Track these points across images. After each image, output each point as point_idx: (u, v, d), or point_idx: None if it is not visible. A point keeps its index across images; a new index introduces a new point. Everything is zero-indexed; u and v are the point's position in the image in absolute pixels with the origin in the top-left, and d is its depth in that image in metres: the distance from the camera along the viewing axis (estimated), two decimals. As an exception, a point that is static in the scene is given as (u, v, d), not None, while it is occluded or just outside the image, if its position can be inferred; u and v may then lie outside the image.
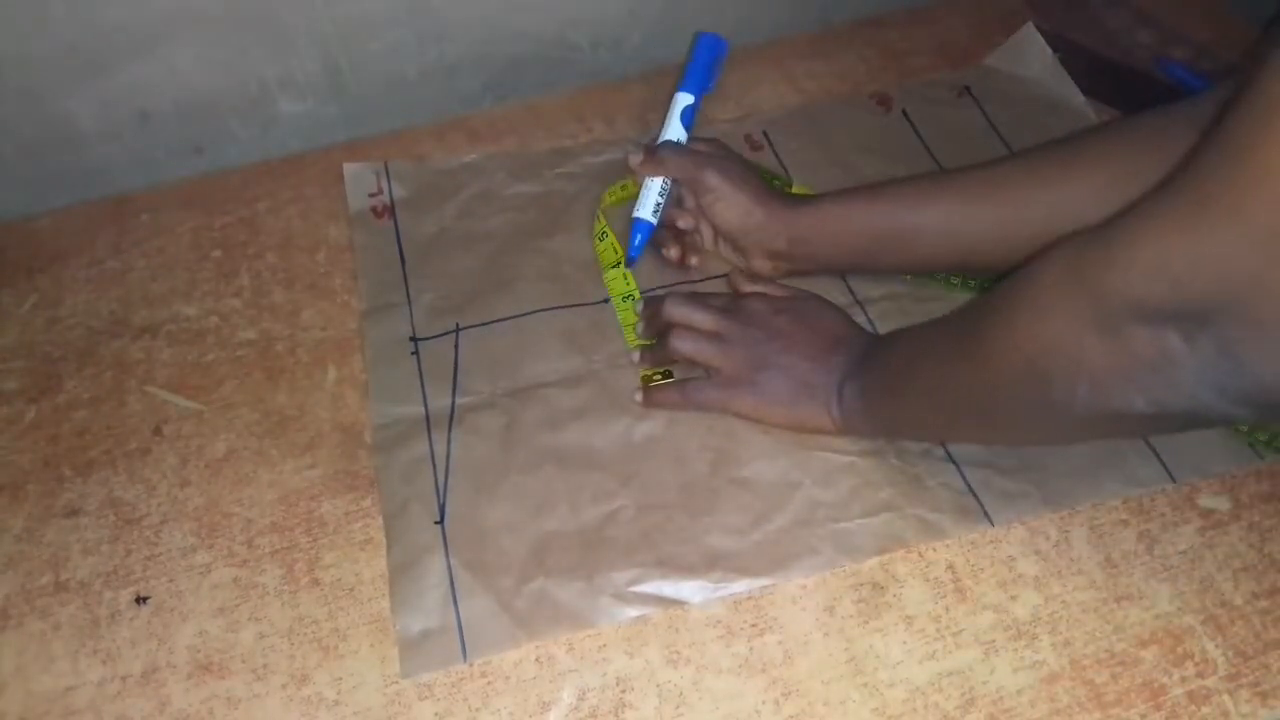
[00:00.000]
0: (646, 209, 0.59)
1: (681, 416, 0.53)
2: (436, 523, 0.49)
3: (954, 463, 0.51)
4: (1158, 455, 0.51)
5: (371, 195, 0.64)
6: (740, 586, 0.47)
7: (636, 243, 0.58)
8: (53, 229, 0.65)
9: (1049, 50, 0.70)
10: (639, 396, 0.53)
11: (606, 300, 0.58)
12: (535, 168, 0.66)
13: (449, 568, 0.48)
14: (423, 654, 0.45)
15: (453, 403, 0.54)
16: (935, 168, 0.65)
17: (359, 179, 0.65)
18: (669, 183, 0.59)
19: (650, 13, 0.74)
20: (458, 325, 0.57)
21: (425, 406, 0.54)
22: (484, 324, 0.57)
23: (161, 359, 0.57)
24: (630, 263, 0.58)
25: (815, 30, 0.76)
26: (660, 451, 0.52)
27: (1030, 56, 0.70)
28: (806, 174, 0.64)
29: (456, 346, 0.56)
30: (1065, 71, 0.69)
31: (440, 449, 0.52)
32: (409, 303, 0.59)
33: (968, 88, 0.70)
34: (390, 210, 0.64)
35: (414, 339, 0.57)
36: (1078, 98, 0.68)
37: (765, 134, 0.67)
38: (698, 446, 0.52)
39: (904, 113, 0.69)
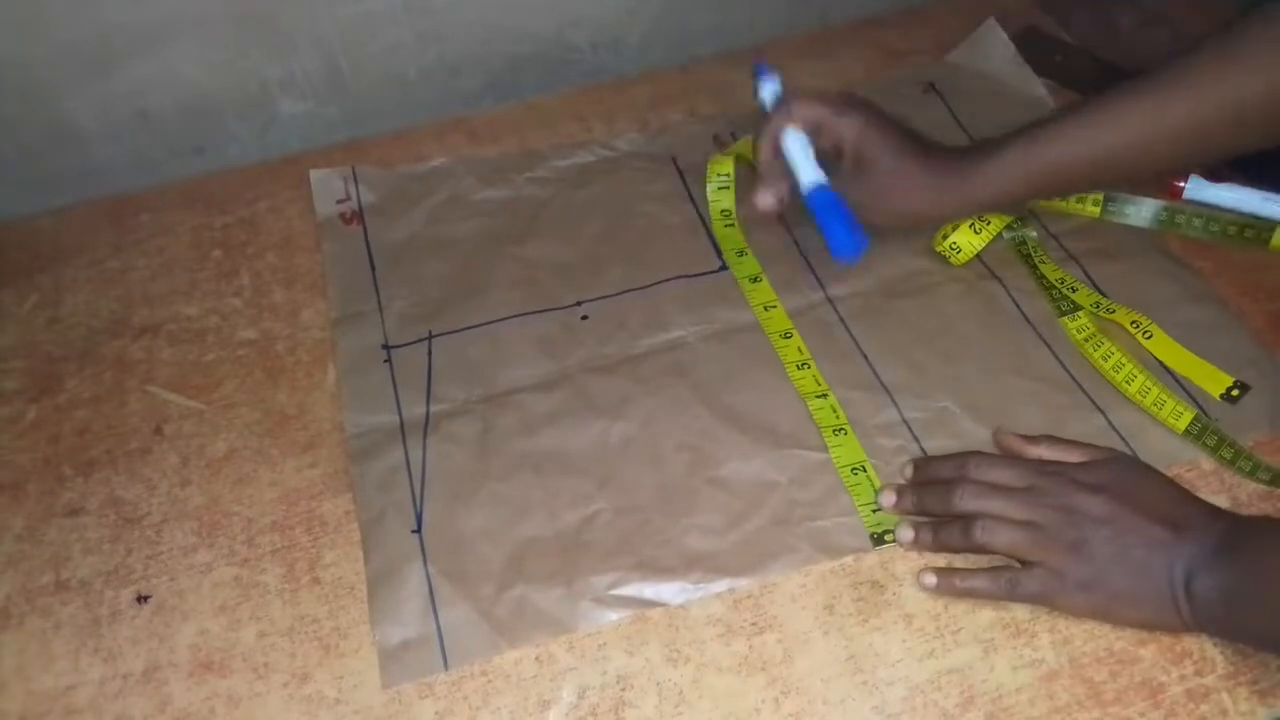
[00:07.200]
0: (817, 172, 0.54)
1: (657, 416, 0.52)
2: (414, 532, 0.49)
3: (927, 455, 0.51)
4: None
5: (339, 201, 0.64)
6: (720, 586, 0.47)
7: (845, 222, 0.53)
8: (53, 229, 0.65)
9: (1010, 44, 0.70)
10: (931, 580, 0.45)
11: (579, 303, 0.58)
12: (503, 172, 0.66)
13: (428, 576, 0.47)
14: (403, 664, 0.45)
15: (427, 410, 0.53)
16: None
17: (326, 185, 0.64)
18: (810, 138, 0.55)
19: (650, 13, 0.74)
20: (430, 333, 0.57)
21: (399, 415, 0.53)
22: (457, 331, 0.57)
23: (162, 358, 0.57)
24: (858, 252, 0.53)
25: (815, 29, 0.76)
26: (636, 453, 0.51)
27: (992, 51, 0.71)
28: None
29: (429, 354, 0.56)
30: (1026, 64, 0.70)
31: (416, 457, 0.52)
32: (380, 310, 0.58)
33: (932, 84, 0.70)
34: (359, 216, 0.63)
35: (386, 347, 0.56)
36: (1039, 90, 0.69)
37: (733, 135, 0.67)
38: (674, 447, 0.51)
39: None
